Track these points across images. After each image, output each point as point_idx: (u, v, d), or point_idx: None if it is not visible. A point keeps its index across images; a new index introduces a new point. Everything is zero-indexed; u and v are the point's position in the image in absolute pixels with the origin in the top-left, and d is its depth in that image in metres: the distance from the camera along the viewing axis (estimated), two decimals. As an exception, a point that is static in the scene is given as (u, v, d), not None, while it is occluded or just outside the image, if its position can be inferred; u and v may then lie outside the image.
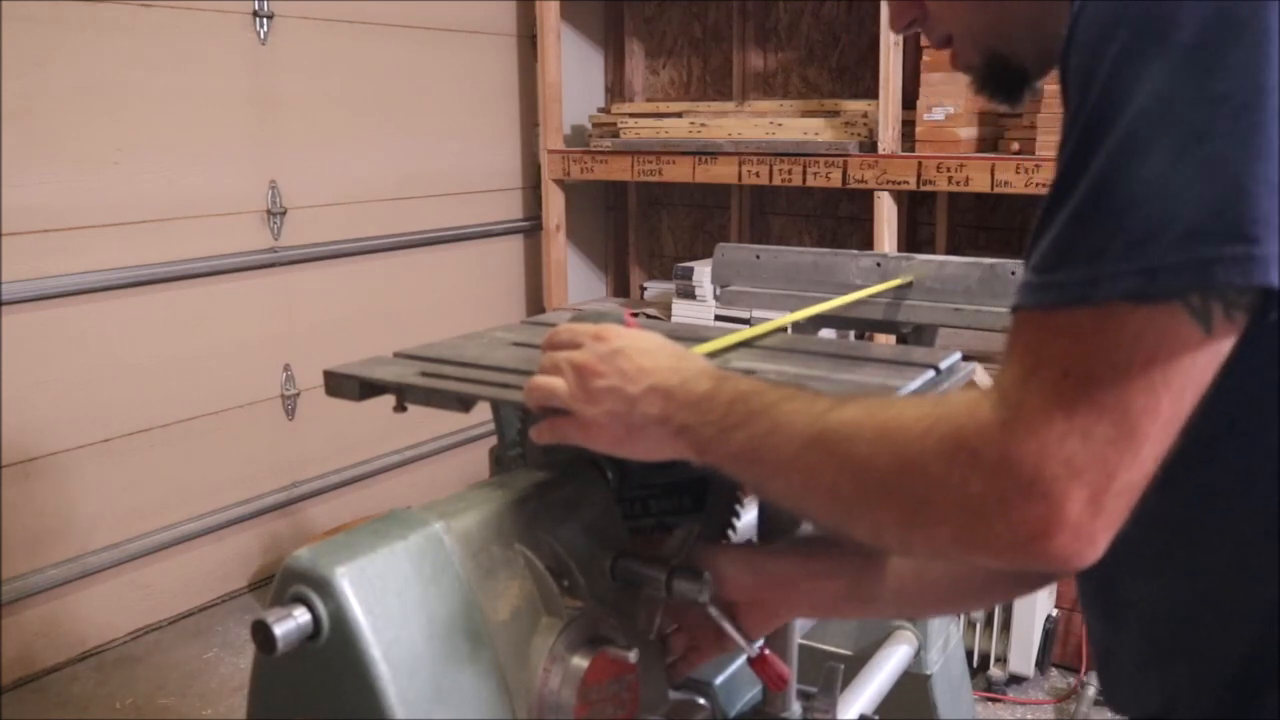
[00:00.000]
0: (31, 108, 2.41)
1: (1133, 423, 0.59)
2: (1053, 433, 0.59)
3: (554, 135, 3.48)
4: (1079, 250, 0.60)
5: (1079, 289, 0.59)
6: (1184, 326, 0.58)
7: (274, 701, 0.86)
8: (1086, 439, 0.59)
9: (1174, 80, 0.58)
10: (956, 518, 0.63)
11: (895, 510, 0.66)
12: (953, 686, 1.34)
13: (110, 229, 2.58)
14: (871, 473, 0.66)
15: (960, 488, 0.62)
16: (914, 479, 0.64)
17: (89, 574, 2.62)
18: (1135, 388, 0.58)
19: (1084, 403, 0.59)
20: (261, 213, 2.91)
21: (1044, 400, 0.60)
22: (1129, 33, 0.60)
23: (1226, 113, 0.57)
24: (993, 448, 0.61)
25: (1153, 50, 0.59)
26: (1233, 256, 0.56)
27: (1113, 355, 0.59)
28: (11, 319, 2.42)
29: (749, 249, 1.56)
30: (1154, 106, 0.58)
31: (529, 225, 3.71)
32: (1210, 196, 0.57)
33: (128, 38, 2.57)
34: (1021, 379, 0.62)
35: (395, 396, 1.03)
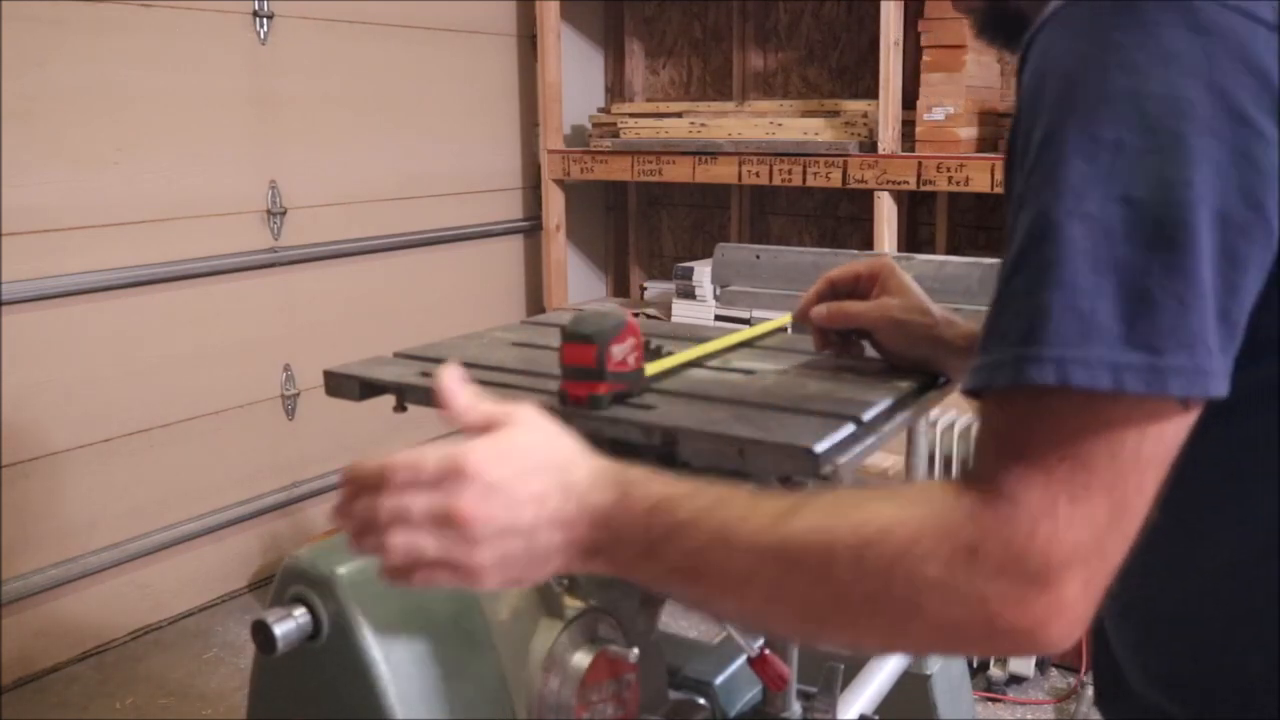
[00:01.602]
0: (31, 108, 2.41)
1: (1128, 503, 0.59)
2: (1058, 521, 0.58)
3: (554, 135, 3.48)
4: (999, 335, 0.60)
5: (1004, 372, 0.59)
6: (1156, 408, 0.58)
7: (274, 701, 0.86)
8: (1090, 525, 0.58)
9: (1092, 172, 0.58)
10: (954, 620, 0.59)
11: (883, 621, 0.61)
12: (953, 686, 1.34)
13: (110, 229, 2.58)
14: (855, 586, 0.61)
15: (961, 590, 0.59)
16: (906, 589, 0.60)
17: (89, 574, 2.62)
18: (1129, 467, 0.58)
19: (1083, 486, 0.58)
20: (261, 213, 2.91)
21: (1045, 486, 0.58)
22: (1059, 118, 0.60)
23: (1136, 219, 0.57)
24: (995, 543, 0.58)
25: (1079, 139, 0.59)
26: (1138, 366, 0.57)
27: (1105, 434, 0.58)
28: (11, 319, 2.42)
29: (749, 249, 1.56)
30: (1070, 194, 0.58)
31: (529, 225, 3.71)
32: (1118, 300, 0.57)
33: (128, 38, 2.57)
34: (1011, 463, 0.59)
35: (395, 396, 1.03)
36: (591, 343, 0.88)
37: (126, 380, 2.65)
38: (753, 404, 0.91)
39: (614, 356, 0.89)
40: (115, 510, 2.67)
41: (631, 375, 0.91)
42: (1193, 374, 0.57)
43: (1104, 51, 0.59)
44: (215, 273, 2.80)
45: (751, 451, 0.82)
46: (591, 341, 0.88)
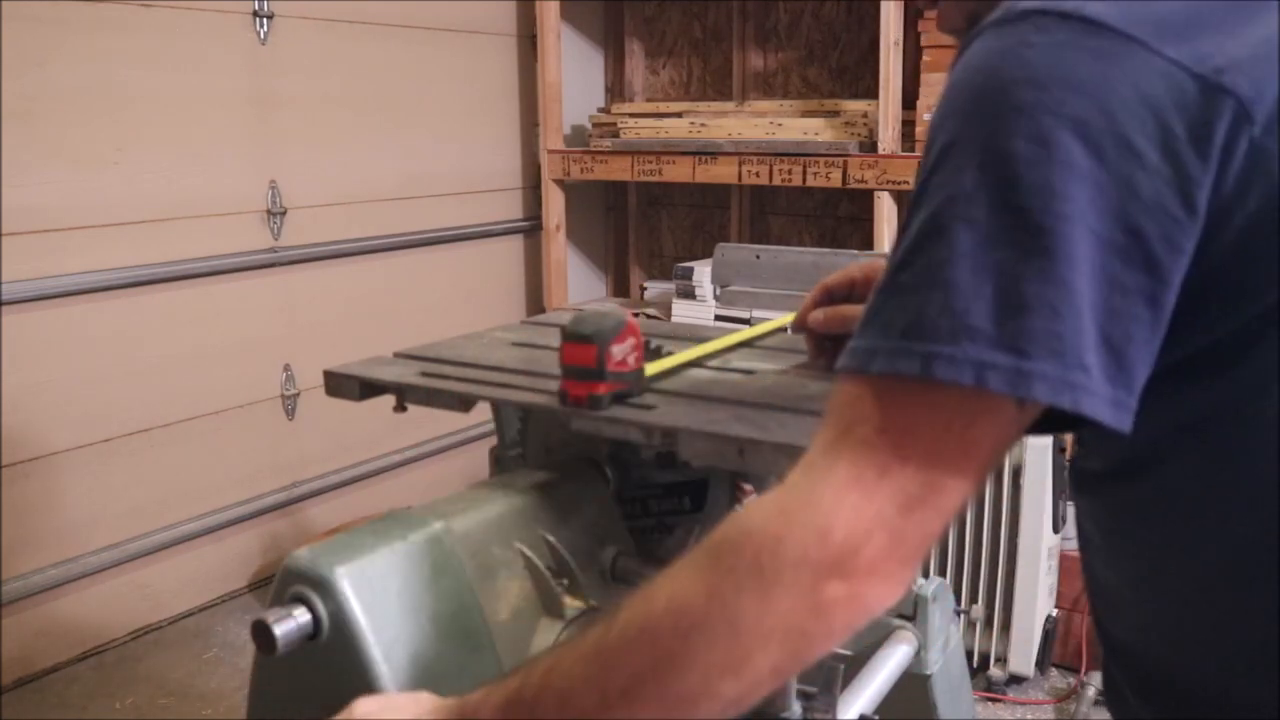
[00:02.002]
0: (31, 108, 2.41)
1: (942, 482, 0.61)
2: (864, 489, 0.60)
3: (554, 135, 3.48)
4: (880, 324, 0.62)
5: (878, 359, 0.61)
6: (994, 405, 0.60)
7: (274, 701, 0.86)
8: (899, 495, 0.60)
9: (982, 178, 0.60)
10: (785, 621, 0.61)
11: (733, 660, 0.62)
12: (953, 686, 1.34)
13: (110, 229, 2.58)
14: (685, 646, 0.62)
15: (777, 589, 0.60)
16: (726, 618, 0.61)
17: (89, 574, 2.62)
18: (949, 449, 0.61)
19: (898, 460, 0.60)
20: (261, 213, 2.91)
21: (855, 460, 0.61)
22: (961, 123, 0.62)
23: (1018, 226, 0.59)
24: (798, 526, 0.61)
25: (974, 145, 0.61)
26: (1004, 366, 0.58)
27: (931, 418, 0.61)
28: (11, 319, 2.42)
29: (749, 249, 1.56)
30: (959, 198, 0.61)
31: (529, 225, 3.71)
32: (992, 303, 0.59)
33: (128, 38, 2.57)
34: (832, 441, 0.63)
35: (395, 396, 1.03)
36: (591, 343, 0.88)
37: (126, 380, 2.65)
38: (753, 404, 0.91)
39: (614, 356, 0.89)
40: (115, 510, 2.67)
41: (631, 375, 0.91)
42: (1057, 382, 0.59)
43: (1012, 67, 0.62)
44: (215, 273, 2.80)
45: (751, 451, 0.82)
46: (591, 341, 0.88)
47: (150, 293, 2.68)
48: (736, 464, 0.83)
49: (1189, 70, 0.60)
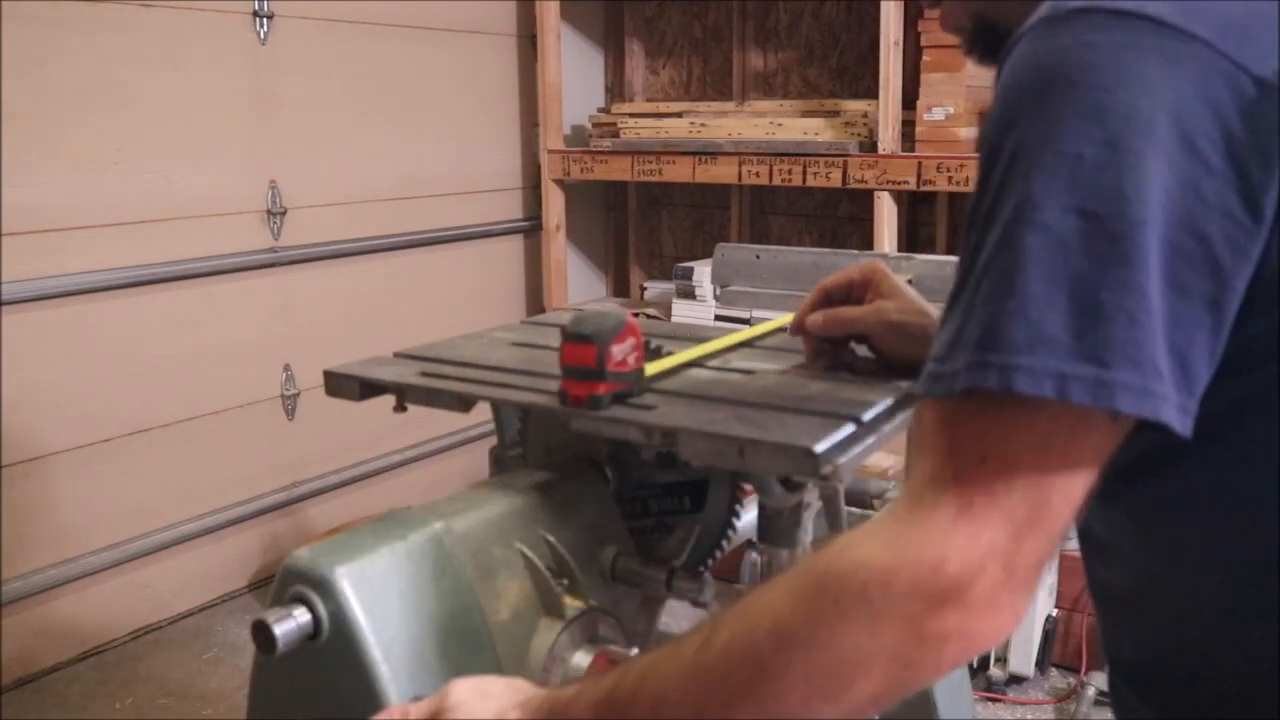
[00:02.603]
0: (31, 108, 2.41)
1: (1050, 504, 0.60)
2: (972, 522, 0.59)
3: (554, 135, 3.48)
4: (961, 342, 0.61)
5: (961, 378, 0.60)
6: (1090, 419, 0.59)
7: (274, 701, 0.86)
8: (1008, 522, 0.59)
9: (1051, 184, 0.59)
10: (892, 652, 0.60)
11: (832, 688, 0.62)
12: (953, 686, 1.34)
13: (110, 229, 2.58)
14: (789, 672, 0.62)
15: (884, 623, 0.60)
16: (833, 647, 0.61)
17: (89, 574, 2.62)
18: (1052, 468, 0.59)
19: (1004, 486, 0.59)
20: (261, 213, 2.91)
21: (963, 490, 0.60)
22: (1024, 130, 0.61)
23: (1091, 232, 0.58)
24: (908, 562, 0.60)
25: (1041, 152, 0.60)
26: (1086, 377, 0.57)
27: (1029, 438, 0.59)
28: (11, 319, 2.42)
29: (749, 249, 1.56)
30: (1030, 206, 0.59)
31: (529, 225, 3.71)
32: (1070, 313, 0.58)
33: (128, 38, 2.57)
34: (935, 472, 0.61)
35: (395, 396, 1.03)
36: (591, 343, 0.88)
37: (126, 380, 2.65)
38: (753, 404, 0.91)
39: (614, 356, 0.89)
40: (115, 510, 2.67)
41: (631, 375, 0.91)
42: (1139, 392, 0.58)
43: (1075, 69, 0.60)
44: (215, 273, 2.80)
45: (751, 451, 0.82)
46: (591, 341, 0.88)
47: (150, 293, 2.68)
48: (736, 464, 0.83)
49: (1250, 72, 0.59)
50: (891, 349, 1.02)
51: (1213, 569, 0.71)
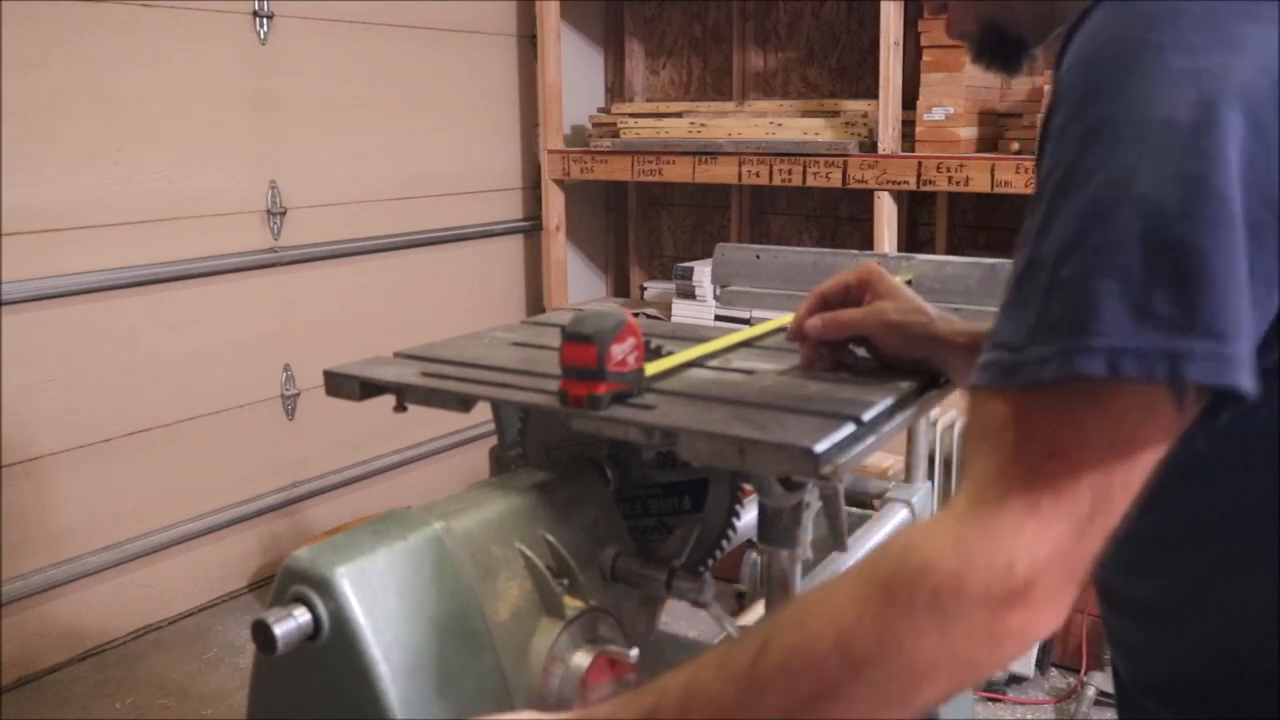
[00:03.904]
0: (31, 108, 2.41)
1: (1111, 497, 0.58)
2: (1039, 520, 0.58)
3: (554, 135, 3.48)
4: (1046, 326, 0.58)
5: (1051, 365, 0.57)
6: (1161, 402, 0.57)
7: (274, 701, 0.86)
8: (1072, 518, 0.58)
9: (1145, 151, 0.56)
10: (959, 656, 0.59)
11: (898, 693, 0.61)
12: (953, 686, 1.34)
13: (110, 229, 2.58)
14: (855, 683, 0.61)
15: (954, 628, 0.59)
16: (900, 654, 0.59)
17: (89, 574, 2.62)
18: (1116, 462, 0.58)
19: (1067, 485, 0.58)
20: (261, 213, 2.91)
21: (1029, 488, 0.58)
22: (1104, 103, 0.58)
23: (1196, 195, 0.55)
24: (979, 565, 0.58)
25: (1127, 121, 0.57)
26: (1201, 353, 0.55)
27: (1097, 430, 0.58)
28: (11, 319, 2.42)
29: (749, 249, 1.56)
30: (1121, 177, 0.57)
31: (529, 225, 3.71)
32: (1177, 284, 0.55)
33: (128, 38, 2.57)
34: (1000, 468, 0.59)
35: (395, 396, 1.03)
36: (591, 343, 0.88)
37: (126, 380, 2.65)
38: (753, 404, 0.91)
39: (614, 356, 0.89)
40: (115, 510, 2.67)
41: (631, 375, 0.91)
42: (1247, 366, 0.55)
43: (1161, 34, 0.58)
44: (215, 273, 2.80)
45: (751, 451, 0.82)
46: (591, 341, 0.88)
47: (150, 293, 2.68)
48: (736, 464, 0.83)
49: None
50: (891, 349, 1.02)
51: (1259, 576, 0.69)
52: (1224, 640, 0.73)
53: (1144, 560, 0.77)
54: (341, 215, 3.10)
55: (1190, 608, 0.75)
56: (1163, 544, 0.75)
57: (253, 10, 2.83)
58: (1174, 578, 0.75)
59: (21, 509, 2.49)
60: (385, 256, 3.25)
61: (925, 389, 0.99)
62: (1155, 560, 0.76)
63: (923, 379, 1.00)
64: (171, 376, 2.74)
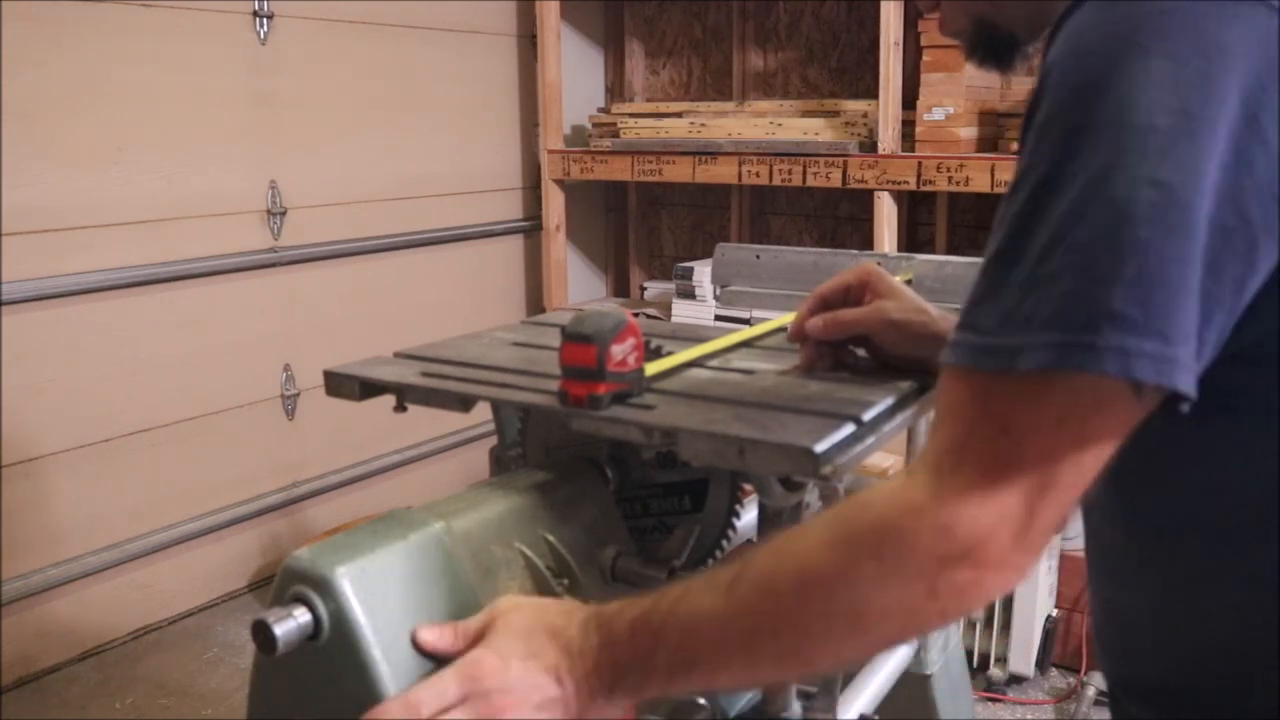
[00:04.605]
0: (31, 107, 2.41)
1: (1059, 476, 0.61)
2: (988, 490, 0.62)
3: (554, 135, 3.48)
4: (1022, 319, 0.61)
5: (1024, 356, 0.60)
6: (1118, 391, 0.60)
7: (274, 701, 0.86)
8: (1021, 492, 0.61)
9: (1121, 157, 0.58)
10: (906, 605, 0.64)
11: (845, 631, 0.67)
12: (953, 686, 1.34)
13: (110, 229, 2.58)
14: (806, 613, 0.67)
15: (903, 580, 0.63)
16: (851, 598, 0.65)
17: (89, 574, 2.62)
18: (1066, 443, 0.61)
19: (1015, 461, 0.61)
20: (261, 213, 2.91)
21: (980, 461, 0.62)
22: (1090, 103, 0.60)
23: (1163, 201, 0.57)
24: (929, 526, 0.63)
25: (1109, 124, 0.59)
26: (1151, 353, 0.57)
27: (1050, 415, 0.61)
28: (11, 319, 2.42)
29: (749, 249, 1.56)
30: (1098, 179, 0.59)
31: (529, 225, 3.71)
32: (1136, 286, 0.57)
33: (128, 38, 2.57)
34: (958, 441, 0.63)
35: (395, 396, 1.03)
36: (591, 343, 0.88)
37: (126, 380, 2.65)
38: (753, 404, 0.91)
39: (614, 356, 0.89)
40: (115, 510, 2.67)
41: (631, 375, 0.91)
42: (1188, 369, 0.58)
43: (1150, 36, 0.59)
44: (215, 273, 2.80)
45: (751, 451, 0.82)
46: (591, 341, 0.88)
47: (150, 293, 2.68)
48: (736, 464, 0.83)
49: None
50: (892, 349, 1.02)
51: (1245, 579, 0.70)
52: (1213, 643, 0.73)
53: (1130, 566, 0.78)
54: (341, 215, 3.10)
55: (1177, 612, 0.75)
56: (1149, 549, 0.75)
57: (253, 10, 2.83)
58: (1160, 583, 0.76)
59: (22, 509, 2.49)
60: (385, 256, 3.25)
61: (925, 389, 0.99)
62: (1140, 566, 0.77)
63: (923, 379, 0.99)
64: (171, 376, 2.74)
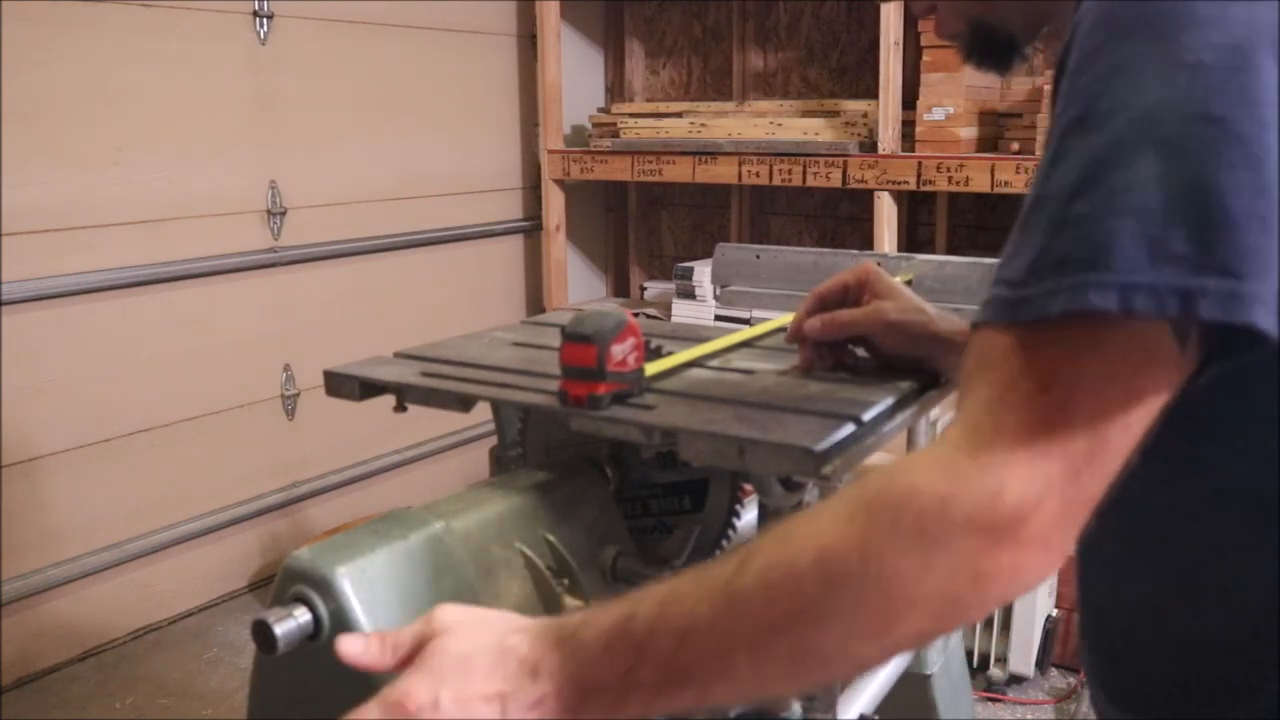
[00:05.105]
0: (31, 107, 2.41)
1: (1108, 438, 0.57)
2: (1032, 456, 0.56)
3: (554, 135, 3.48)
4: (1054, 262, 0.57)
5: (1059, 299, 0.56)
6: (1165, 343, 0.56)
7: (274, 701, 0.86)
8: (1066, 457, 0.56)
9: (1169, 94, 0.56)
10: (940, 589, 0.57)
11: (872, 623, 0.59)
12: (953, 686, 1.34)
13: (110, 229, 2.58)
14: (831, 600, 0.59)
15: (936, 558, 0.57)
16: (881, 579, 0.57)
17: (89, 574, 2.62)
18: (1114, 401, 0.56)
19: (1062, 419, 0.56)
20: (261, 213, 2.91)
21: (1019, 421, 0.57)
22: (1129, 43, 0.58)
23: (1219, 136, 0.55)
24: (964, 495, 0.57)
25: (1152, 62, 0.57)
26: (1216, 291, 0.53)
27: (1096, 368, 0.56)
28: (11, 319, 2.42)
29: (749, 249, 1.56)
30: (1144, 118, 0.56)
31: (529, 225, 3.71)
32: (1195, 224, 0.54)
33: (128, 38, 2.57)
34: (994, 399, 0.58)
35: (395, 396, 1.03)
36: (591, 343, 0.88)
37: (126, 380, 2.65)
38: (753, 404, 0.91)
39: (614, 356, 0.89)
40: (115, 510, 2.67)
41: (631, 375, 0.91)
42: (1268, 306, 0.54)
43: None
44: (215, 273, 2.80)
45: (751, 451, 0.82)
46: (591, 341, 0.88)
47: (150, 293, 2.68)
48: (736, 464, 0.83)
49: None
50: (891, 348, 1.02)
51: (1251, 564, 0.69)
52: (1216, 635, 0.73)
53: (1130, 556, 0.77)
54: (341, 215, 3.10)
55: (1178, 603, 0.75)
56: (1151, 536, 0.75)
57: (253, 10, 2.83)
58: (1160, 573, 0.76)
59: (22, 509, 2.49)
60: (385, 256, 3.25)
61: (925, 389, 0.99)
62: (1142, 556, 0.76)
63: (923, 379, 1.00)
64: (171, 376, 2.74)
